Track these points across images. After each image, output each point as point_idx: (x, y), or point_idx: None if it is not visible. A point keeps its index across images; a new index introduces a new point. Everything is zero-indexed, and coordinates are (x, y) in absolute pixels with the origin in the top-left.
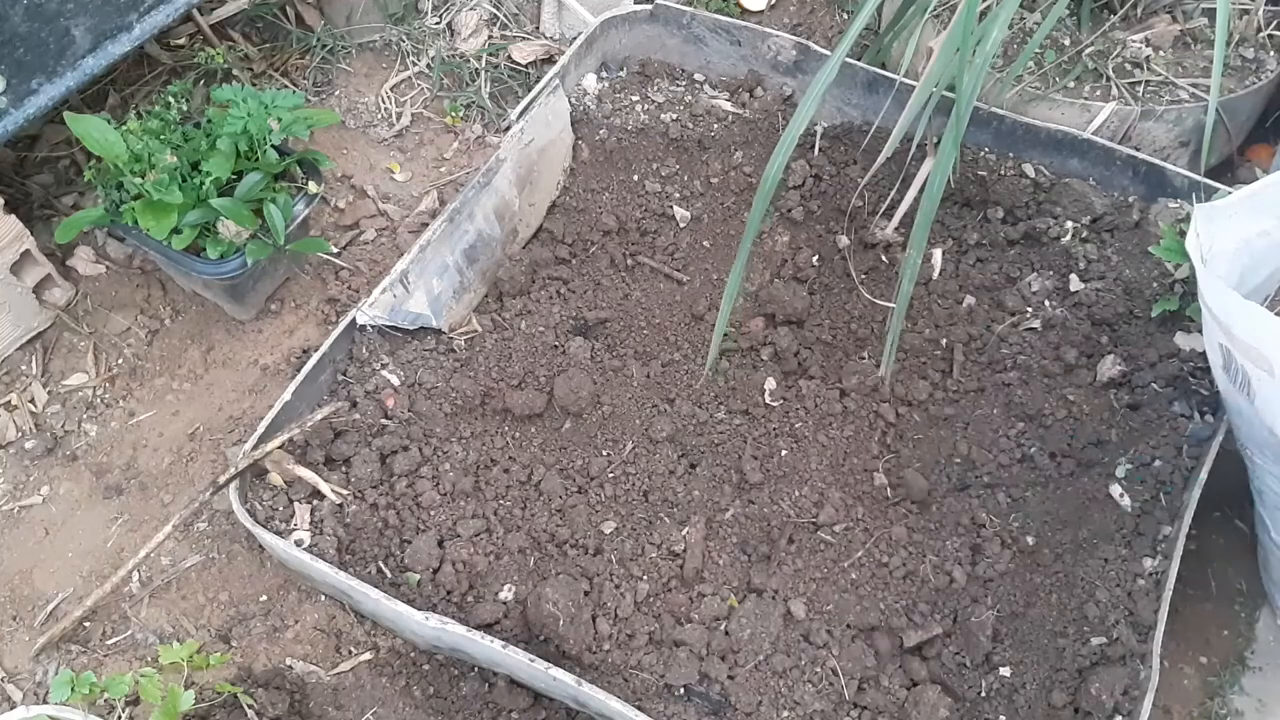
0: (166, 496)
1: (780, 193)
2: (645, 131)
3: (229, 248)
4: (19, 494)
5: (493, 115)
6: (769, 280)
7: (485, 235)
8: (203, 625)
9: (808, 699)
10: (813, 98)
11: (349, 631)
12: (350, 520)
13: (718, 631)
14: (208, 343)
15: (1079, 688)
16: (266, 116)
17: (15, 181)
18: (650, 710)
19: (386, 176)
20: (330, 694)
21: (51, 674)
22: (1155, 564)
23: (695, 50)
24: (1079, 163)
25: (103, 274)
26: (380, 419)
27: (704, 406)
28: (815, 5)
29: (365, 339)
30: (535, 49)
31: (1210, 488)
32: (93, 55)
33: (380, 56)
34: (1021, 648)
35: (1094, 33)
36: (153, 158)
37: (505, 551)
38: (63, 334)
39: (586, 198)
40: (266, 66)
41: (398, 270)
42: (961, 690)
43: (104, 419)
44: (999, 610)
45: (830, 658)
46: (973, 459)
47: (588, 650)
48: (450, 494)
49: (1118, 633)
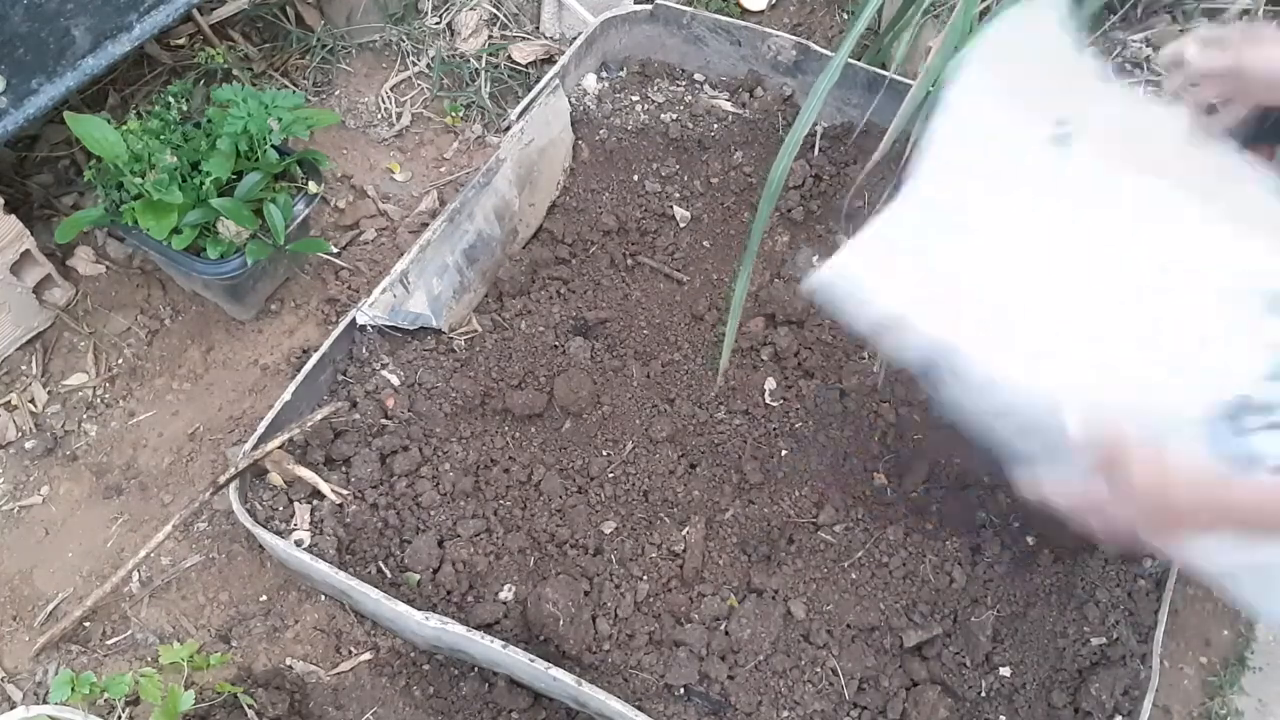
0: (166, 496)
1: (780, 193)
2: (645, 131)
3: (229, 248)
4: (19, 494)
5: (493, 115)
6: (769, 280)
7: (485, 235)
8: (203, 625)
9: (808, 699)
10: (817, 96)
11: (349, 631)
12: (350, 520)
13: (718, 631)
14: (208, 343)
15: (1079, 688)
16: (266, 116)
17: (15, 181)
18: (650, 710)
19: (386, 176)
20: (330, 694)
21: (51, 674)
22: (1155, 564)
23: (695, 50)
24: None
25: (103, 274)
26: (380, 419)
27: (704, 407)
28: (815, 5)
29: (365, 339)
30: (535, 49)
31: None
32: (93, 55)
33: (380, 56)
34: (1021, 648)
35: (1094, 33)
36: (153, 158)
37: (505, 551)
38: (63, 334)
39: (586, 198)
40: (266, 66)
41: (398, 270)
42: (961, 690)
43: (104, 419)
44: (999, 610)
45: (830, 658)
46: (973, 459)
47: (588, 650)
48: (450, 494)
49: (1118, 633)
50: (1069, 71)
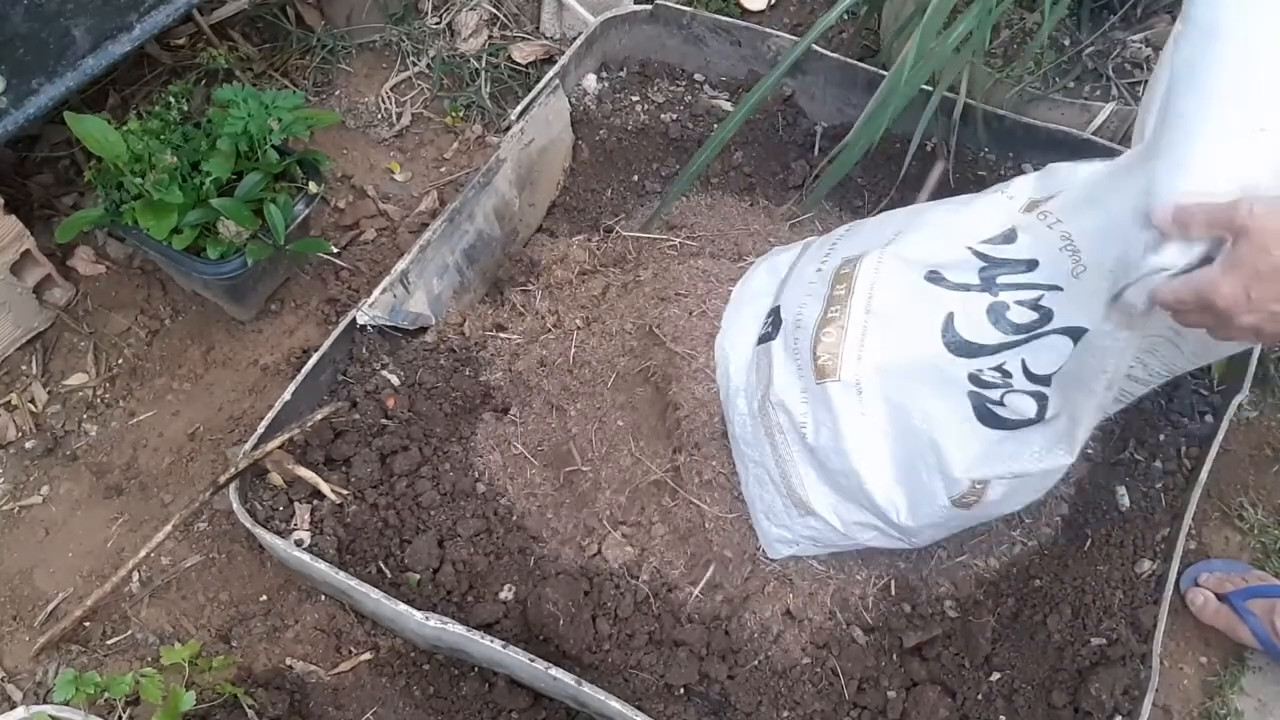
0: (166, 496)
1: (781, 193)
2: (645, 131)
3: (229, 248)
4: (19, 494)
5: (493, 115)
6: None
7: (485, 235)
8: (203, 625)
9: (808, 699)
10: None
11: (349, 631)
12: (350, 520)
13: (718, 631)
14: (208, 343)
15: (1079, 688)
16: (267, 117)
17: (15, 181)
18: (650, 710)
19: (386, 176)
20: (330, 694)
21: (51, 674)
22: (1155, 565)
23: (695, 50)
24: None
25: (103, 274)
26: (380, 419)
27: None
28: (815, 5)
29: (365, 339)
30: (535, 49)
31: (1210, 488)
32: (93, 55)
33: (380, 56)
34: (1021, 648)
35: (1094, 33)
36: (153, 158)
37: (505, 551)
38: (63, 334)
39: (586, 198)
40: (267, 67)
41: (398, 270)
42: (961, 690)
43: (104, 419)
44: (998, 611)
45: (830, 658)
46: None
47: (588, 650)
48: (450, 494)
49: (1118, 633)
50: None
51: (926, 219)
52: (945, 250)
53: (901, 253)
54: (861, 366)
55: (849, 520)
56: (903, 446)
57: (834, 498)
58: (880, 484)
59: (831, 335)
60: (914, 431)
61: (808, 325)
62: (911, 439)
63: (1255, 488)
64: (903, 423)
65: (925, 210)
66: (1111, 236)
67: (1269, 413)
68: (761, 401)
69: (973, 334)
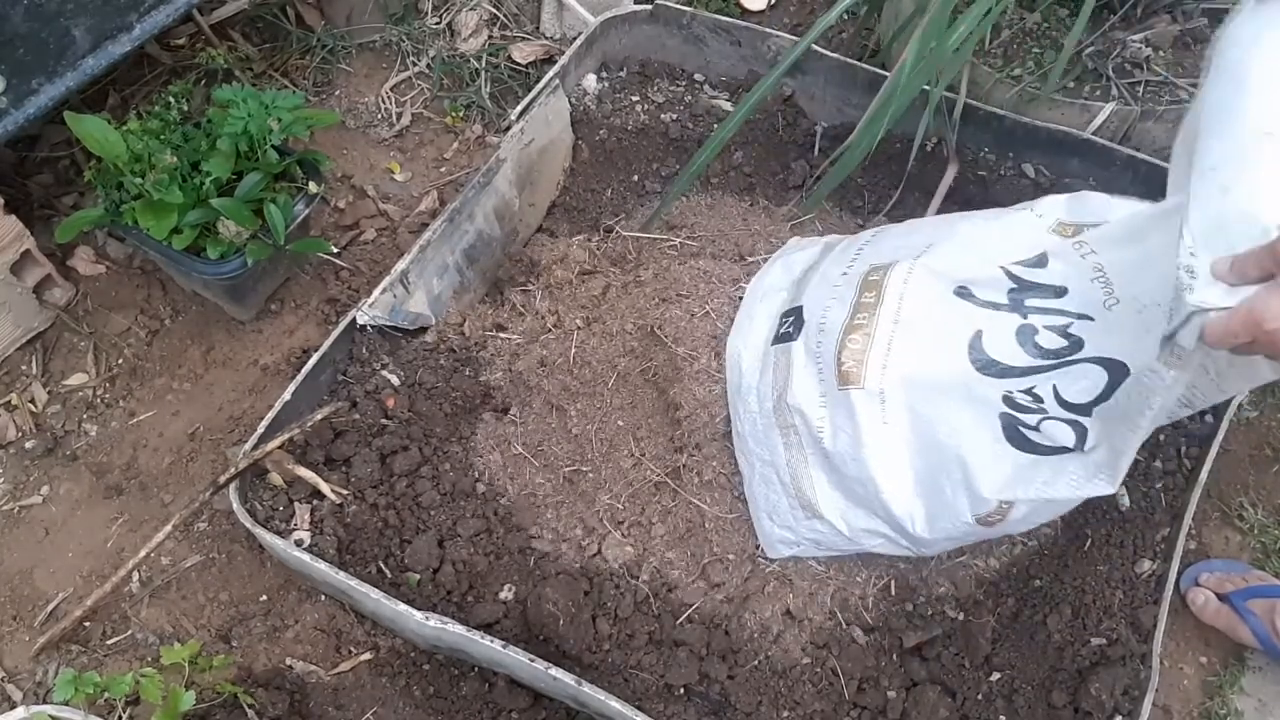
0: (166, 496)
1: (781, 193)
2: (645, 131)
3: (229, 248)
4: (19, 494)
5: (493, 115)
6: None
7: (485, 235)
8: (203, 625)
9: (808, 699)
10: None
11: (349, 631)
12: (350, 520)
13: (718, 632)
14: (208, 343)
15: (1079, 688)
16: (267, 117)
17: (15, 181)
18: (650, 710)
19: (386, 176)
20: (330, 694)
21: (51, 674)
22: (1155, 565)
23: (695, 50)
24: (1079, 163)
25: (103, 274)
26: (380, 419)
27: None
28: (815, 5)
29: (365, 339)
30: (535, 49)
31: (1210, 488)
32: (93, 55)
33: (380, 56)
34: (1021, 648)
35: (1094, 33)
36: (153, 158)
37: (505, 551)
38: (63, 334)
39: (586, 198)
40: (267, 67)
41: (398, 270)
42: (961, 690)
43: (104, 419)
44: (998, 611)
45: (830, 658)
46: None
47: (588, 650)
48: (450, 494)
49: (1118, 633)
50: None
51: (957, 231)
52: (976, 267)
53: (932, 265)
54: (887, 376)
55: (857, 527)
56: (925, 459)
57: (844, 503)
58: (899, 494)
59: (857, 342)
60: (939, 446)
61: (832, 330)
62: (936, 453)
63: (1255, 488)
64: (927, 436)
65: (955, 222)
66: (1148, 273)
67: (1269, 413)
68: (776, 402)
69: (1000, 354)
